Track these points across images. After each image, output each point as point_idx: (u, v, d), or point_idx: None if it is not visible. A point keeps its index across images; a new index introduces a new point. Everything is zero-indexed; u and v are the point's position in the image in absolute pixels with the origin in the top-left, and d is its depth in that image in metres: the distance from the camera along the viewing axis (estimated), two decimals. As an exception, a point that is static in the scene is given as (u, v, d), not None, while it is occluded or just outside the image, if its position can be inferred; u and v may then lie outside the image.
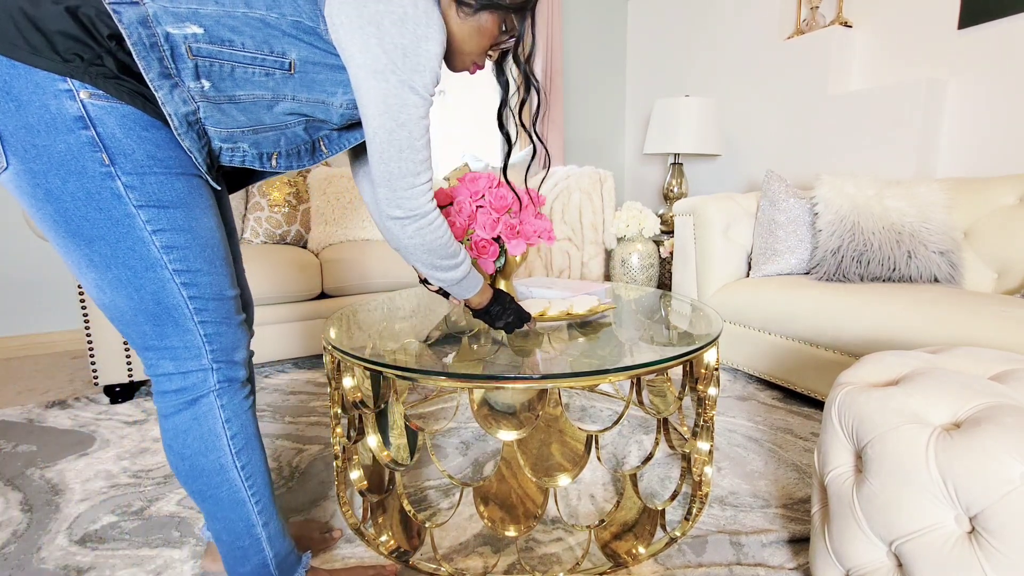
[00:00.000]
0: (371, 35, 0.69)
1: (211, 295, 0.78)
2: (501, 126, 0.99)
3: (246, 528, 0.85)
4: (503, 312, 1.06)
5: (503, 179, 1.14)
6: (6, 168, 0.66)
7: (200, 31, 0.67)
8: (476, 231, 1.20)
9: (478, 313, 1.07)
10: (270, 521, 0.88)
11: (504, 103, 0.97)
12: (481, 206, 1.22)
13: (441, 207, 1.21)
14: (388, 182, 0.79)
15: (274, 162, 0.84)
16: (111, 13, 0.63)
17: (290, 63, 0.73)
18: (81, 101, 0.64)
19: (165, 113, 0.69)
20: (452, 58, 0.85)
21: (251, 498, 0.84)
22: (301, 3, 0.70)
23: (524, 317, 1.09)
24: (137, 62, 0.65)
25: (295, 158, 0.87)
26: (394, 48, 0.69)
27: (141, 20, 0.65)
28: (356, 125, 0.89)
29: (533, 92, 0.93)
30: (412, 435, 1.32)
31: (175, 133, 0.71)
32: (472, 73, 0.90)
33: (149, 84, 0.67)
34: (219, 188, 0.83)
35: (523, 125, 1.01)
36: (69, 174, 0.66)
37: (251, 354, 1.06)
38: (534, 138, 1.00)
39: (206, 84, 0.70)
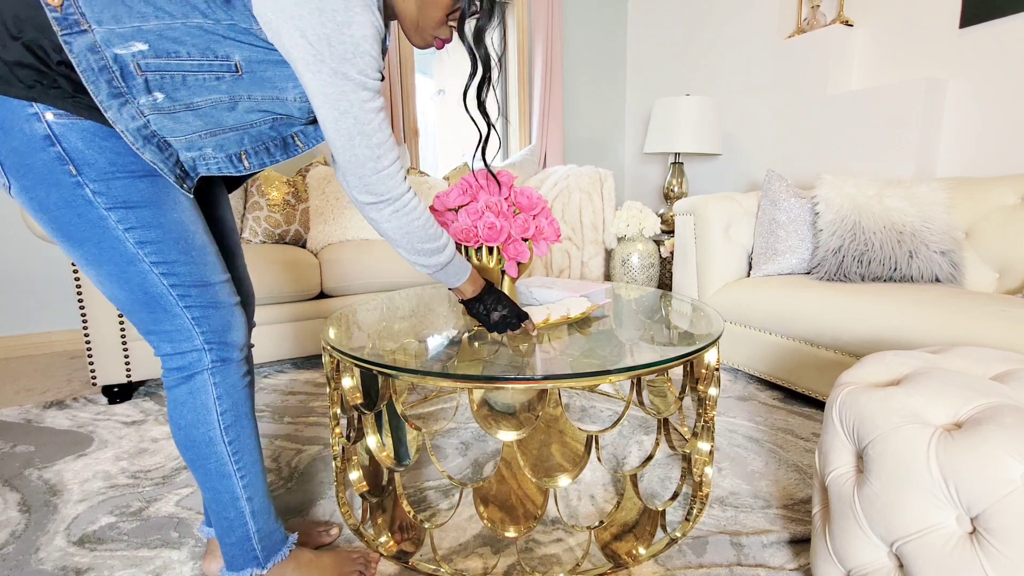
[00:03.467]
0: (295, 29, 0.71)
1: (191, 282, 0.83)
2: (480, 105, 0.98)
3: (231, 500, 0.90)
4: (498, 303, 1.05)
5: (484, 165, 1.13)
6: (10, 187, 0.75)
7: (145, 47, 0.71)
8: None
9: (473, 308, 1.06)
10: (255, 497, 0.92)
11: (481, 80, 0.95)
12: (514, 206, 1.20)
13: (461, 207, 1.19)
14: (352, 169, 0.81)
15: (245, 162, 0.86)
16: (63, 45, 0.69)
17: (235, 64, 0.76)
18: (46, 121, 0.71)
19: (118, 131, 0.74)
20: (411, 35, 0.87)
21: (237, 472, 0.90)
22: (231, 6, 0.73)
23: (521, 315, 1.07)
24: (87, 87, 0.71)
25: (265, 154, 0.88)
26: (318, 39, 0.71)
27: (90, 47, 0.69)
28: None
29: (498, 70, 0.93)
30: (400, 436, 1.32)
31: (133, 148, 0.75)
32: (439, 48, 0.91)
33: (99, 105, 0.72)
34: (189, 195, 0.84)
35: (466, 106, 0.98)
36: (50, 186, 0.74)
37: (250, 344, 1.06)
38: (483, 119, 0.99)
39: (159, 96, 0.74)
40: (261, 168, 0.89)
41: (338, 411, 1.20)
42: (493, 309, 1.05)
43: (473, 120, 1.00)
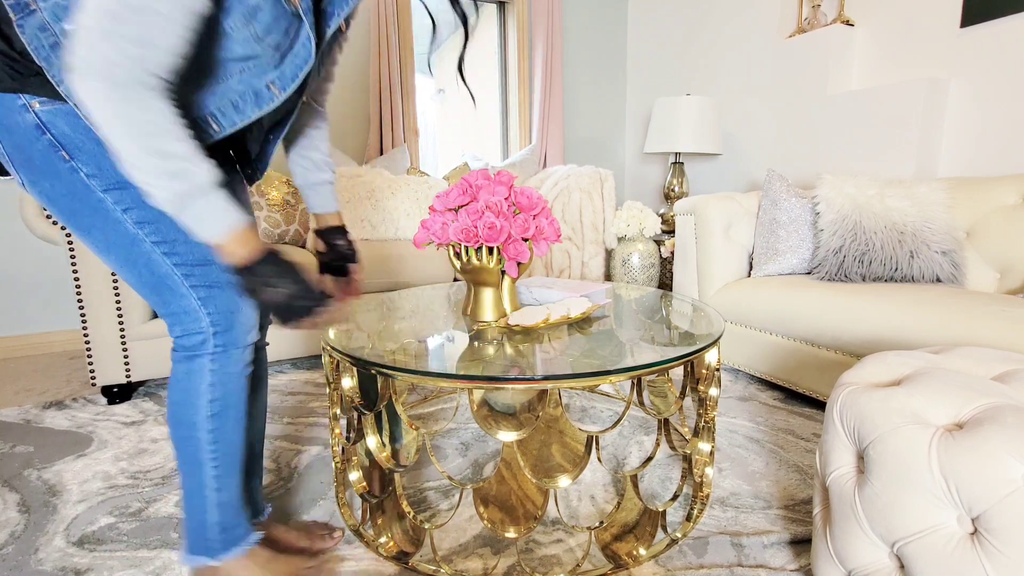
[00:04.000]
0: None
1: (195, 261, 0.81)
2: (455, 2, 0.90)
3: (198, 487, 0.90)
4: (281, 276, 0.77)
5: (458, 76, 1.04)
6: (23, 182, 0.76)
7: None
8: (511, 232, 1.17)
9: (244, 281, 0.77)
10: (224, 489, 0.91)
11: None
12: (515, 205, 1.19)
13: (461, 207, 1.19)
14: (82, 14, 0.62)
15: (213, 126, 0.80)
16: (17, 30, 0.68)
17: None
18: (34, 111, 0.71)
19: (71, 105, 0.72)
20: None
21: (211, 461, 0.89)
22: None
23: (318, 297, 0.80)
24: (40, 65, 0.69)
25: (233, 112, 0.81)
26: None
27: (40, 26, 0.69)
28: (300, 63, 0.81)
29: None
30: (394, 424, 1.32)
31: (87, 121, 0.72)
32: None
33: (52, 81, 0.70)
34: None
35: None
36: (50, 176, 0.74)
37: (262, 341, 1.05)
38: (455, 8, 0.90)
39: None
40: (233, 128, 0.82)
41: (338, 411, 1.20)
42: (269, 284, 0.77)
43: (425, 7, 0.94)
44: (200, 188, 0.70)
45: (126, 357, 1.87)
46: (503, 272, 1.21)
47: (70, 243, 1.74)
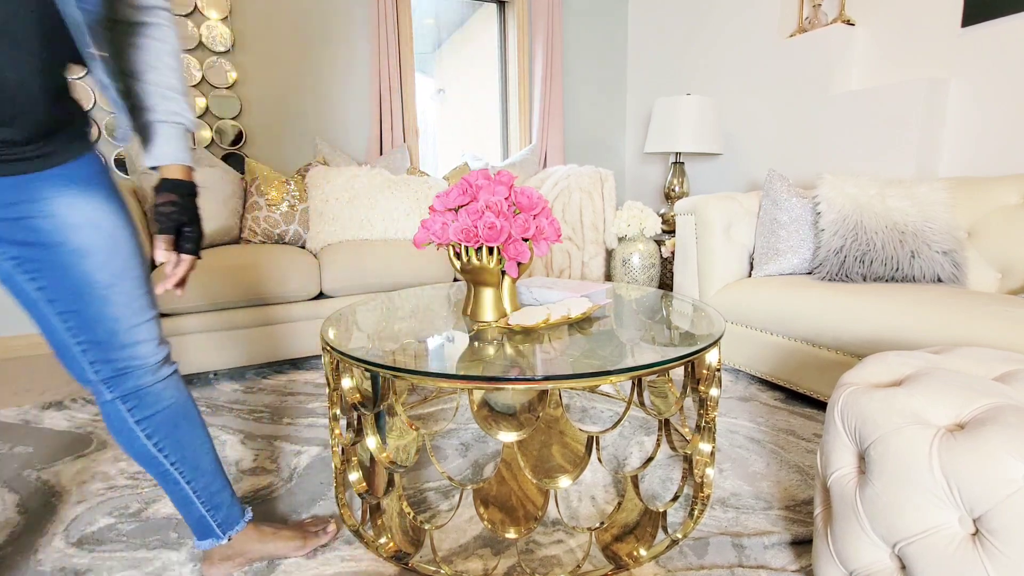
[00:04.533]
0: None
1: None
2: None
3: None
4: None
5: None
6: None
7: None
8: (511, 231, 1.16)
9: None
10: None
11: None
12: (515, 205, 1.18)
13: (461, 207, 1.19)
14: None
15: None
16: None
17: None
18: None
19: None
20: None
21: None
22: None
23: None
24: None
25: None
26: None
27: None
28: None
29: None
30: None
31: None
32: None
33: None
34: None
35: None
36: None
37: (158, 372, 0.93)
38: None
39: None
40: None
41: (338, 411, 1.20)
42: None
43: None
44: None
45: (126, 357, 1.86)
46: (503, 272, 1.21)
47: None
